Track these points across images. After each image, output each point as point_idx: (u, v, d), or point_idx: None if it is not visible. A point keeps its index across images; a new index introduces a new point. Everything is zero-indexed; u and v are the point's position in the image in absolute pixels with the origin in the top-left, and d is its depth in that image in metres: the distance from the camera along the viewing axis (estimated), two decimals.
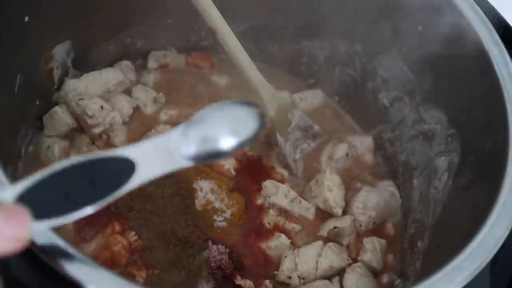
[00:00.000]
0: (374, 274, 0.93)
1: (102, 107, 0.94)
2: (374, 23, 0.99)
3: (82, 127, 0.96)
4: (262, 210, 0.96)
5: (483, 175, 0.79)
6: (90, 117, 0.93)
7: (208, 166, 0.98)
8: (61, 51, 0.96)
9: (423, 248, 0.90)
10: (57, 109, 0.95)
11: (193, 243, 0.88)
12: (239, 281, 0.87)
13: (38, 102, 0.95)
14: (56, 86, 0.98)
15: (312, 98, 1.14)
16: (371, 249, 0.93)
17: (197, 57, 1.15)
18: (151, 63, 1.12)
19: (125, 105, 1.01)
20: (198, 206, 0.93)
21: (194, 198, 0.94)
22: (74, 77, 0.99)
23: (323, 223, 0.96)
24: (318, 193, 0.96)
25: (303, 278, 0.88)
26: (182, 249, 0.87)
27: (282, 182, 1.00)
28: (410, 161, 1.02)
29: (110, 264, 0.83)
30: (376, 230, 0.98)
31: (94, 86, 0.98)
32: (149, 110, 1.05)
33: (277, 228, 0.95)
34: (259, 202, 0.96)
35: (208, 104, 1.09)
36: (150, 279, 0.84)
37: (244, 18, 1.08)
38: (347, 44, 1.06)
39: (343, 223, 0.94)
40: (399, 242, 0.98)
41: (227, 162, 0.99)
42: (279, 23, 1.10)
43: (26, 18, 0.83)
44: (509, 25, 0.87)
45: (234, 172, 0.99)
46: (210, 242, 0.89)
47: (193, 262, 0.86)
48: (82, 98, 0.94)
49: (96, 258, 0.82)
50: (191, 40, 1.14)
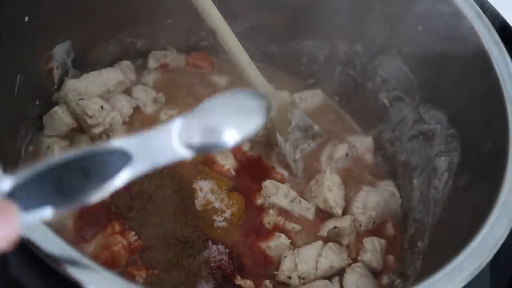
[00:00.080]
0: (374, 274, 0.93)
1: (102, 107, 0.94)
2: (374, 23, 0.99)
3: (82, 127, 0.96)
4: (262, 210, 0.96)
5: (483, 175, 0.79)
6: (90, 117, 0.93)
7: (208, 166, 0.98)
8: (61, 51, 0.96)
9: (423, 248, 0.90)
10: (57, 109, 0.95)
11: (193, 243, 0.88)
12: (239, 281, 0.87)
13: (38, 102, 0.95)
14: (56, 86, 0.98)
15: (312, 98, 1.14)
16: (371, 249, 0.93)
17: (197, 57, 1.15)
18: (151, 63, 1.12)
19: (125, 105, 1.01)
20: (198, 206, 0.93)
21: (194, 198, 0.94)
22: (74, 77, 0.99)
23: (323, 223, 0.96)
24: (318, 193, 0.96)
25: (303, 278, 0.88)
26: (182, 249, 0.87)
27: (282, 182, 1.00)
28: (410, 161, 1.02)
29: (110, 264, 0.83)
30: (376, 230, 0.98)
31: (94, 86, 0.98)
32: (149, 110, 1.05)
33: (277, 228, 0.95)
34: (259, 202, 0.96)
35: None
36: (150, 279, 0.84)
37: (244, 18, 1.08)
38: (347, 44, 1.06)
39: (343, 223, 0.94)
40: (399, 242, 0.98)
41: (227, 162, 0.99)
42: (279, 23, 1.10)
43: (26, 18, 0.83)
44: (509, 25, 0.87)
45: (234, 172, 0.99)
46: (210, 242, 0.89)
47: (193, 262, 0.86)
48: (82, 98, 0.94)
49: (96, 258, 0.82)
50: (191, 40, 1.14)
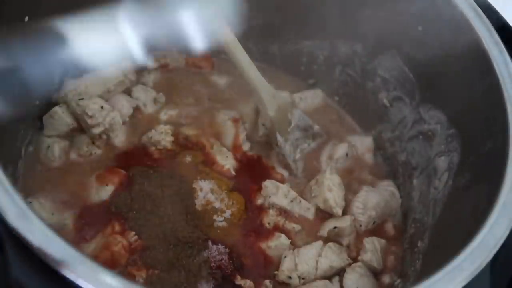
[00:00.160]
0: (374, 274, 0.93)
1: (102, 107, 0.94)
2: (374, 23, 0.99)
3: (82, 127, 0.96)
4: (262, 210, 0.96)
5: (483, 175, 0.79)
6: (90, 117, 0.93)
7: (208, 166, 0.98)
8: None
9: (423, 248, 0.90)
10: (57, 109, 0.95)
11: (193, 243, 0.88)
12: (239, 281, 0.87)
13: (38, 102, 0.95)
14: (56, 86, 0.98)
15: (312, 98, 1.14)
16: (371, 249, 0.93)
17: (197, 57, 1.15)
18: (151, 63, 1.11)
19: (125, 105, 1.01)
20: (198, 206, 0.93)
21: (194, 198, 0.94)
22: (74, 77, 0.99)
23: (323, 223, 0.96)
24: (318, 193, 0.96)
25: (303, 278, 0.88)
26: (182, 249, 0.87)
27: (282, 182, 1.00)
28: (410, 161, 1.02)
29: (110, 264, 0.83)
30: (376, 230, 0.98)
31: (94, 86, 0.98)
32: (149, 110, 1.05)
33: (277, 228, 0.95)
34: (259, 202, 0.96)
35: (208, 104, 1.09)
36: (150, 279, 0.83)
37: (244, 18, 1.08)
38: (347, 44, 1.06)
39: (343, 223, 0.94)
40: (399, 242, 0.98)
41: (227, 162, 0.99)
42: (279, 23, 1.10)
43: (26, 18, 0.83)
44: (509, 25, 0.87)
45: (234, 172, 0.99)
46: (210, 242, 0.89)
47: (193, 262, 0.86)
48: (82, 98, 0.94)
49: (96, 258, 0.82)
50: None
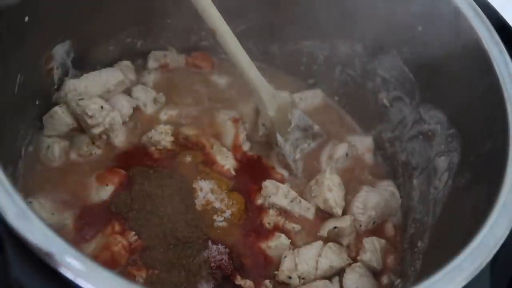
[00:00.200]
0: (374, 274, 0.93)
1: (102, 107, 0.94)
2: (374, 23, 0.99)
3: (82, 127, 0.96)
4: (262, 210, 0.96)
5: (483, 175, 0.79)
6: (90, 117, 0.93)
7: (208, 166, 0.98)
8: (61, 51, 0.96)
9: (423, 248, 0.90)
10: (57, 109, 0.95)
11: (193, 243, 0.88)
12: (239, 281, 0.87)
13: (38, 102, 0.95)
14: (56, 86, 0.98)
15: (312, 98, 1.14)
16: (371, 249, 0.93)
17: (197, 57, 1.15)
18: (151, 63, 1.12)
19: (125, 105, 1.01)
20: (198, 206, 0.93)
21: (194, 198, 0.94)
22: (74, 77, 0.99)
23: (323, 223, 0.96)
24: (318, 193, 0.96)
25: (303, 278, 0.88)
26: (182, 249, 0.87)
27: (282, 182, 1.00)
28: (410, 161, 1.02)
29: (110, 264, 0.83)
30: (376, 230, 0.98)
31: (94, 86, 0.98)
32: (149, 110, 1.05)
33: (277, 228, 0.95)
34: (259, 202, 0.96)
35: (208, 104, 1.09)
36: (150, 279, 0.84)
37: (244, 18, 1.08)
38: (347, 44, 1.06)
39: (343, 223, 0.94)
40: (399, 242, 0.99)
41: (227, 162, 0.99)
42: (279, 23, 1.10)
43: (26, 18, 0.83)
44: (509, 25, 0.87)
45: (234, 172, 0.99)
46: (210, 242, 0.89)
47: (193, 262, 0.86)
48: (82, 98, 0.94)
49: (96, 258, 0.82)
50: (191, 40, 1.14)
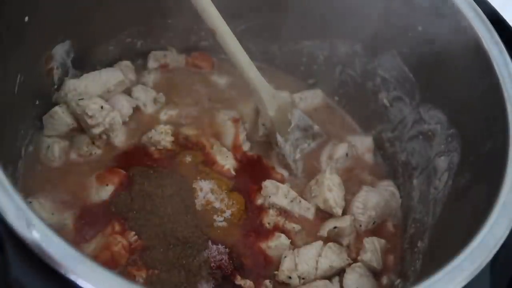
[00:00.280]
0: (374, 274, 0.93)
1: (102, 107, 0.94)
2: (374, 23, 0.99)
3: (82, 127, 0.96)
4: (262, 210, 0.96)
5: (483, 175, 0.79)
6: (90, 117, 0.93)
7: (208, 166, 0.98)
8: (61, 51, 0.96)
9: (423, 248, 0.90)
10: (57, 109, 0.95)
11: (193, 243, 0.88)
12: (239, 281, 0.87)
13: (38, 102, 0.95)
14: (56, 86, 0.98)
15: (312, 98, 1.14)
16: (371, 249, 0.93)
17: (197, 57, 1.15)
18: (151, 63, 1.12)
19: (125, 105, 1.01)
20: (198, 206, 0.93)
21: (194, 198, 0.94)
22: (74, 77, 0.99)
23: (323, 223, 0.96)
24: (318, 193, 0.96)
25: (303, 278, 0.88)
26: (182, 249, 0.87)
27: (282, 182, 1.00)
28: (410, 161, 1.02)
29: (110, 264, 0.83)
30: (376, 230, 0.98)
31: (94, 86, 0.98)
32: (149, 110, 1.05)
33: (277, 228, 0.95)
34: (259, 202, 0.96)
35: (208, 104, 1.09)
36: (150, 279, 0.84)
37: (244, 18, 1.08)
38: (347, 44, 1.06)
39: (343, 223, 0.94)
40: (399, 242, 0.98)
41: (227, 162, 0.99)
42: (279, 23, 1.10)
43: (26, 18, 0.83)
44: (509, 25, 0.87)
45: (234, 172, 0.99)
46: (210, 242, 0.89)
47: (193, 262, 0.86)
48: (82, 98, 0.94)
49: (96, 258, 0.82)
50: (191, 40, 1.14)
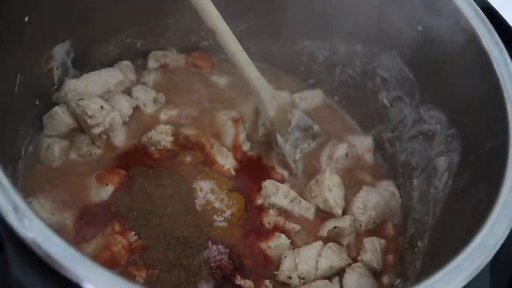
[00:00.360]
0: (374, 274, 0.93)
1: (102, 107, 0.94)
2: (374, 24, 0.99)
3: (82, 127, 0.96)
4: (262, 210, 0.96)
5: (483, 175, 0.79)
6: (90, 117, 0.93)
7: (208, 166, 0.98)
8: (61, 51, 0.96)
9: (423, 248, 0.90)
10: (57, 109, 0.95)
11: (193, 243, 0.88)
12: (239, 281, 0.87)
13: (38, 102, 0.95)
14: (56, 86, 0.98)
15: (312, 98, 1.14)
16: (371, 249, 0.93)
17: (197, 57, 1.15)
18: (151, 63, 1.12)
19: (125, 105, 1.01)
20: (198, 206, 0.93)
21: (194, 198, 0.94)
22: (74, 77, 0.99)
23: (323, 223, 0.96)
24: (318, 193, 0.96)
25: (303, 278, 0.88)
26: (182, 249, 0.87)
27: (282, 182, 1.00)
28: (410, 161, 1.02)
29: (110, 264, 0.83)
30: (376, 230, 0.98)
31: (94, 86, 0.98)
32: (149, 110, 1.05)
33: (277, 228, 0.94)
34: (259, 202, 0.96)
35: (208, 104, 1.09)
36: (150, 279, 0.84)
37: (244, 18, 1.08)
38: (347, 44, 1.06)
39: (343, 223, 0.94)
40: (399, 242, 0.98)
41: (227, 162, 0.99)
42: (279, 23, 1.10)
43: (26, 18, 0.83)
44: (509, 25, 0.87)
45: (234, 172, 0.99)
46: (210, 242, 0.89)
47: (193, 262, 0.86)
48: (82, 98, 0.94)
49: (96, 258, 0.82)
50: (191, 40, 1.14)
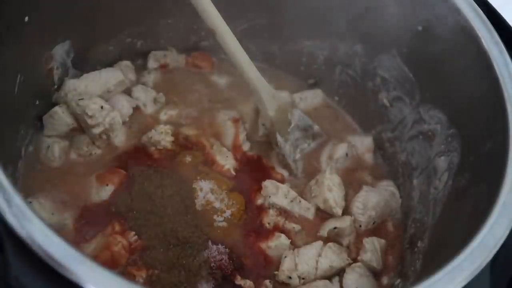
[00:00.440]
0: (374, 274, 0.93)
1: (102, 107, 0.94)
2: (374, 23, 0.99)
3: (82, 127, 0.96)
4: (262, 210, 0.96)
5: (483, 175, 0.79)
6: (90, 117, 0.93)
7: (208, 166, 0.98)
8: (61, 51, 0.96)
9: (423, 248, 0.90)
10: (57, 109, 0.95)
11: (193, 243, 0.88)
12: (239, 281, 0.87)
13: (38, 102, 0.95)
14: (56, 86, 0.98)
15: (312, 98, 1.14)
16: (371, 249, 0.93)
17: (197, 57, 1.15)
18: (151, 63, 1.12)
19: (125, 105, 1.01)
20: (198, 206, 0.93)
21: (194, 198, 0.94)
22: (74, 77, 0.99)
23: (323, 223, 0.96)
24: (318, 193, 0.96)
25: (303, 278, 0.88)
26: (182, 249, 0.87)
27: (282, 182, 1.00)
28: (410, 161, 1.02)
29: (110, 264, 0.83)
30: (376, 230, 0.98)
31: (94, 86, 0.98)
32: (149, 110, 1.05)
33: (277, 228, 0.94)
34: (259, 202, 0.96)
35: (208, 104, 1.09)
36: (150, 279, 0.84)
37: (244, 18, 1.08)
38: (347, 44, 1.06)
39: (343, 223, 0.94)
40: (399, 242, 0.98)
41: (227, 162, 0.99)
42: (279, 23, 1.10)
43: (26, 18, 0.83)
44: (509, 25, 0.87)
45: (234, 172, 0.99)
46: (210, 242, 0.89)
47: (193, 262, 0.86)
48: (82, 98, 0.94)
49: (96, 258, 0.82)
50: (191, 40, 1.14)
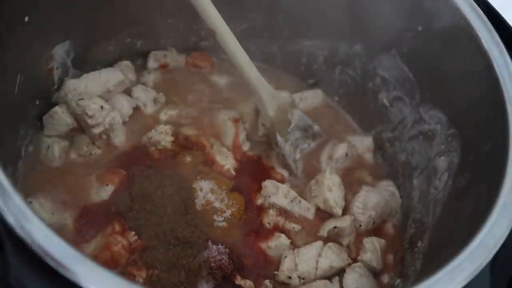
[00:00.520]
0: (374, 274, 0.93)
1: (102, 107, 0.94)
2: (374, 23, 0.99)
3: (82, 127, 0.96)
4: (262, 210, 0.96)
5: (483, 175, 0.79)
6: (90, 117, 0.93)
7: (208, 166, 0.98)
8: (61, 51, 0.96)
9: (423, 248, 0.90)
10: (57, 109, 0.95)
11: (193, 243, 0.88)
12: (239, 281, 0.87)
13: (38, 102, 0.95)
14: (56, 86, 0.98)
15: (312, 98, 1.14)
16: (371, 249, 0.93)
17: (197, 57, 1.15)
18: (151, 63, 1.12)
19: (125, 105, 1.01)
20: (198, 206, 0.93)
21: (194, 198, 0.94)
22: (74, 77, 0.99)
23: (323, 223, 0.96)
24: (318, 193, 0.96)
25: (303, 278, 0.88)
26: (182, 249, 0.87)
27: (282, 182, 1.00)
28: (410, 161, 1.02)
29: (110, 264, 0.83)
30: (376, 230, 0.98)
31: (94, 86, 0.98)
32: (149, 110, 1.05)
33: (277, 228, 0.95)
34: (259, 202, 0.96)
35: (208, 104, 1.09)
36: (150, 279, 0.83)
37: (244, 18, 1.08)
38: (347, 44, 1.06)
39: (343, 223, 0.94)
40: (399, 242, 0.98)
41: (227, 162, 0.99)
42: (279, 23, 1.10)
43: (26, 18, 0.83)
44: (509, 25, 0.87)
45: (234, 172, 0.99)
46: (210, 242, 0.89)
47: (193, 262, 0.86)
48: (82, 98, 0.94)
49: (96, 258, 0.82)
50: (191, 40, 1.14)
